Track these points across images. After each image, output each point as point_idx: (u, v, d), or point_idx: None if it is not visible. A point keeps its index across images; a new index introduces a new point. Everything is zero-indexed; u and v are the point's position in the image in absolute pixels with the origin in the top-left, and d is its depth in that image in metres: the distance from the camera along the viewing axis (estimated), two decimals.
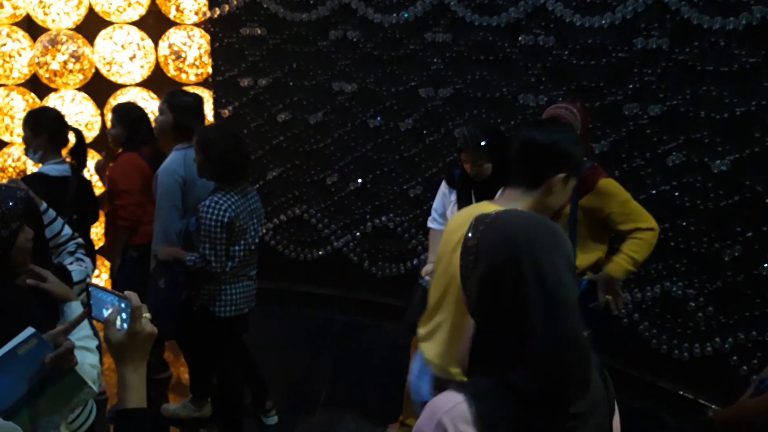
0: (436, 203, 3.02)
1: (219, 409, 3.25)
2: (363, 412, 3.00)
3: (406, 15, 3.88)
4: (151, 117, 3.50)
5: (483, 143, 2.57)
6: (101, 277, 4.36)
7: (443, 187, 2.98)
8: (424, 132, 4.03)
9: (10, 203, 1.53)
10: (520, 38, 3.62)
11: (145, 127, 3.39)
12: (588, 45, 3.39)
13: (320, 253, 4.47)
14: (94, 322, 1.58)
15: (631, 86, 3.28)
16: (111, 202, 3.34)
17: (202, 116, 3.23)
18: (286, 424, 3.37)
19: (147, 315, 1.19)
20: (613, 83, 3.35)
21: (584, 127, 2.62)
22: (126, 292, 1.20)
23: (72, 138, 3.28)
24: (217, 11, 4.23)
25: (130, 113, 3.40)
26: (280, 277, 4.42)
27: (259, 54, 4.26)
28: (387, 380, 3.71)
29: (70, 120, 3.91)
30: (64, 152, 3.26)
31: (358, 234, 4.36)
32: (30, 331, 1.29)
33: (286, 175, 4.42)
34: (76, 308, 1.70)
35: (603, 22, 3.26)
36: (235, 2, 4.19)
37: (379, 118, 4.13)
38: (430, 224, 3.06)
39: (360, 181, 4.26)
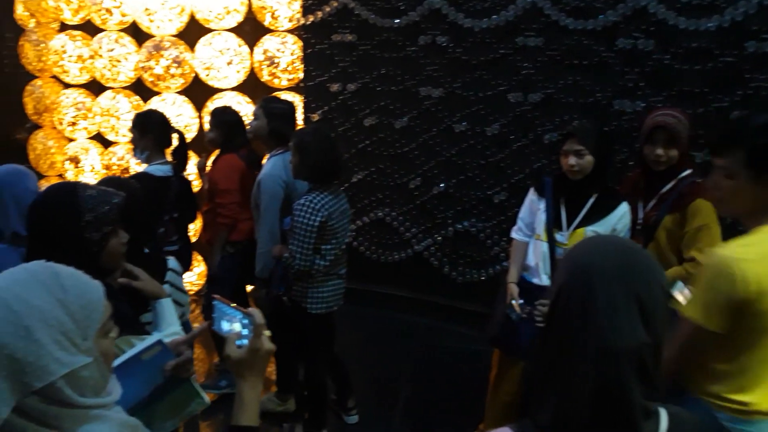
0: (523, 212, 2.82)
1: (303, 404, 3.33)
2: (441, 417, 3.04)
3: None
4: (246, 121, 3.65)
5: (593, 133, 2.49)
6: (193, 271, 4.56)
7: (531, 194, 2.80)
8: (511, 137, 3.98)
9: (106, 208, 1.56)
10: (617, 42, 3.52)
11: (241, 131, 3.53)
12: (692, 49, 3.25)
13: (401, 256, 4.50)
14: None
15: (740, 92, 3.11)
16: (211, 201, 3.50)
17: (295, 122, 3.33)
18: (366, 424, 3.41)
19: (267, 332, 1.21)
20: (720, 89, 3.19)
21: (689, 136, 2.52)
22: (249, 309, 1.22)
23: (175, 139, 3.47)
24: (311, 18, 4.35)
25: (227, 117, 3.56)
26: (362, 278, 4.47)
27: (348, 60, 4.34)
28: (465, 385, 3.69)
29: (171, 122, 4.12)
30: (167, 153, 3.46)
31: (439, 238, 4.36)
32: (155, 337, 1.36)
33: (370, 179, 4.48)
34: (166, 305, 1.77)
35: (710, 24, 3.12)
36: (327, 9, 4.30)
37: (464, 124, 4.12)
38: (514, 234, 2.84)
39: (443, 185, 4.26)
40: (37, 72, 5.09)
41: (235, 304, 1.28)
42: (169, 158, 3.43)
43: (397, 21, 4.15)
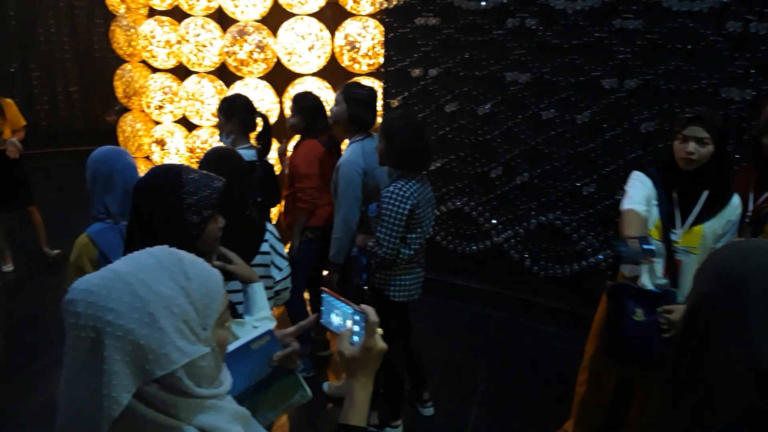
0: (635, 191, 2.39)
1: (380, 392, 3.30)
2: (521, 414, 2.89)
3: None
4: (327, 106, 3.62)
5: (719, 121, 2.27)
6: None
7: (641, 176, 2.44)
8: (604, 126, 3.77)
9: (207, 192, 1.55)
10: (726, 25, 3.24)
11: (322, 116, 3.52)
12: None
13: (479, 247, 4.38)
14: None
15: None
16: (292, 186, 3.52)
17: (375, 109, 3.27)
18: (441, 417, 3.34)
19: (380, 331, 1.17)
20: None
21: None
22: (362, 306, 1.18)
23: (259, 124, 3.49)
24: (393, 2, 4.26)
25: (308, 103, 3.54)
26: (437, 268, 4.38)
27: (431, 44, 4.23)
28: (545, 383, 3.56)
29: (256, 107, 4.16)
30: (252, 137, 3.48)
31: (520, 230, 4.20)
32: (266, 328, 1.34)
33: (449, 167, 4.37)
34: (258, 289, 1.76)
35: None
36: None
37: (552, 111, 3.94)
38: (631, 205, 2.34)
39: (527, 175, 4.09)
40: (126, 57, 5.26)
41: (345, 299, 1.23)
42: (253, 143, 3.46)
43: (484, 3, 3.99)
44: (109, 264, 0.96)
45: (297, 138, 3.66)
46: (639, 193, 2.38)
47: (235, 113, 3.39)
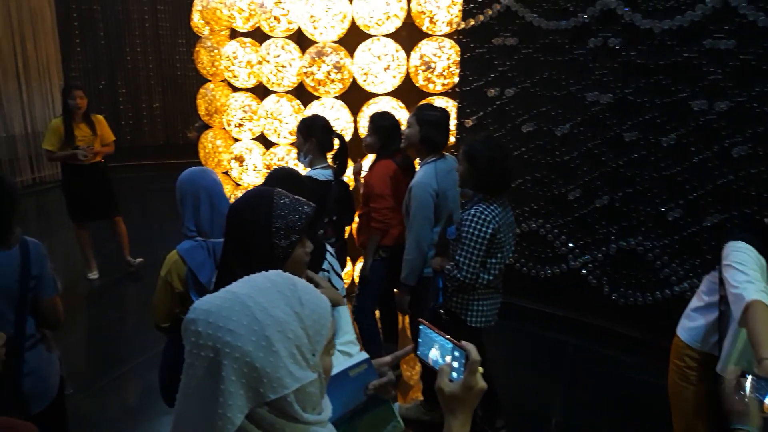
0: (753, 271, 1.99)
1: None
2: None
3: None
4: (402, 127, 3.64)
5: None
6: (343, 271, 4.64)
7: (749, 249, 2.06)
8: (692, 149, 3.61)
9: (296, 216, 1.57)
10: None
11: (398, 136, 3.54)
12: None
13: (555, 271, 4.27)
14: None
15: None
16: (366, 205, 3.55)
17: (448, 130, 3.26)
18: None
19: (481, 369, 1.14)
20: None
21: None
22: (463, 343, 1.15)
23: (336, 143, 3.54)
24: (471, 22, 4.26)
25: (385, 123, 3.57)
26: (509, 290, 4.26)
27: (508, 64, 4.20)
28: (621, 416, 3.40)
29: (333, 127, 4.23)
30: (329, 157, 3.54)
31: (599, 255, 4.07)
32: (364, 356, 1.35)
33: (524, 187, 4.29)
34: (343, 313, 1.76)
35: None
36: (489, 12, 4.18)
37: (635, 133, 3.81)
38: (755, 295, 1.89)
39: (607, 198, 3.96)
40: (209, 76, 5.48)
41: (444, 333, 1.22)
42: (330, 162, 3.51)
43: (565, 22, 3.92)
44: (197, 280, 0.98)
45: (372, 157, 3.70)
46: (757, 272, 1.97)
47: (313, 134, 3.45)
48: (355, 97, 4.80)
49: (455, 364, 1.16)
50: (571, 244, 4.17)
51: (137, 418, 3.41)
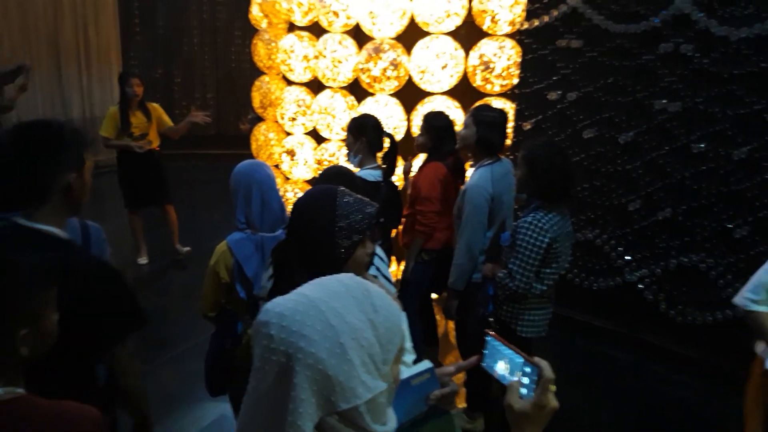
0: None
1: (492, 425, 3.17)
2: None
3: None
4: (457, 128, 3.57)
5: None
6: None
7: None
8: (764, 164, 3.42)
9: (359, 216, 1.53)
10: None
11: (451, 137, 3.46)
12: None
13: (608, 284, 4.12)
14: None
15: None
16: (412, 206, 3.48)
17: (505, 132, 3.16)
18: None
19: (553, 387, 1.08)
20: None
21: None
22: (536, 359, 1.09)
23: (386, 143, 3.49)
24: (535, 22, 4.14)
25: (439, 123, 3.50)
26: (559, 301, 4.17)
27: (572, 67, 4.06)
28: None
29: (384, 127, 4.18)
30: (379, 157, 3.49)
31: (657, 270, 3.90)
32: (427, 365, 1.30)
33: (581, 196, 4.15)
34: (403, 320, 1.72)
35: None
36: (555, 13, 4.05)
37: (703, 145, 3.63)
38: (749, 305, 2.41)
39: (670, 211, 3.80)
40: (265, 69, 5.50)
41: (515, 347, 1.15)
42: (379, 162, 3.46)
43: (635, 26, 3.77)
44: (242, 272, 0.93)
45: (422, 157, 3.63)
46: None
47: (364, 133, 3.40)
48: (409, 95, 4.74)
49: (525, 381, 1.10)
50: (628, 257, 4.01)
51: (176, 404, 3.44)
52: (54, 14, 8.50)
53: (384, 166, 3.44)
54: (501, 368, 1.16)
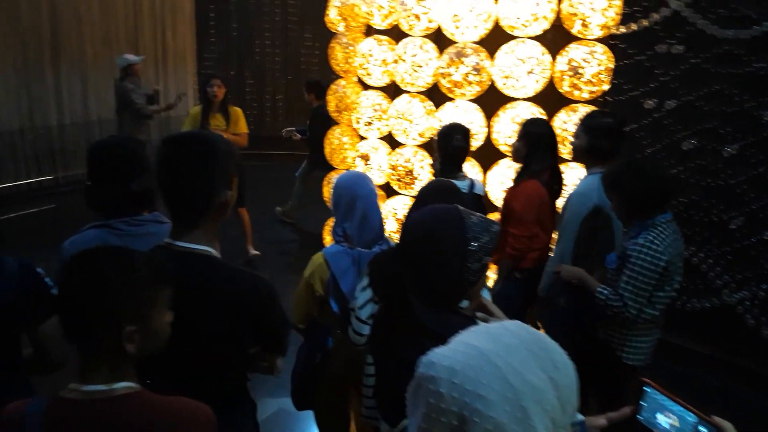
0: None
1: None
2: None
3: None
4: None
5: None
6: None
7: None
8: None
9: (487, 237, 1.44)
10: None
11: (546, 147, 3.30)
12: None
13: (704, 305, 3.85)
14: None
15: None
16: (504, 224, 3.33)
17: (620, 139, 2.97)
18: None
19: None
20: None
21: None
22: (715, 419, 0.98)
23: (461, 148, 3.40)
24: (633, 26, 3.92)
25: (536, 129, 3.35)
26: None
27: (671, 74, 3.83)
28: None
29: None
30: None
31: (761, 293, 3.62)
32: (579, 417, 1.19)
33: (676, 210, 3.90)
34: None
35: None
36: (655, 17, 3.82)
37: None
38: None
39: None
40: (342, 73, 5.46)
41: (680, 400, 1.02)
42: (465, 173, 3.36)
43: (745, 31, 3.50)
44: (338, 287, 0.84)
45: (506, 166, 3.49)
46: None
47: (449, 142, 3.32)
48: (490, 100, 4.59)
49: None
50: (727, 277, 3.74)
51: None
52: (134, 19, 8.79)
53: (467, 177, 3.35)
54: (664, 423, 1.03)
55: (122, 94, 6.44)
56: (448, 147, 3.34)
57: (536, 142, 3.30)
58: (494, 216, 3.53)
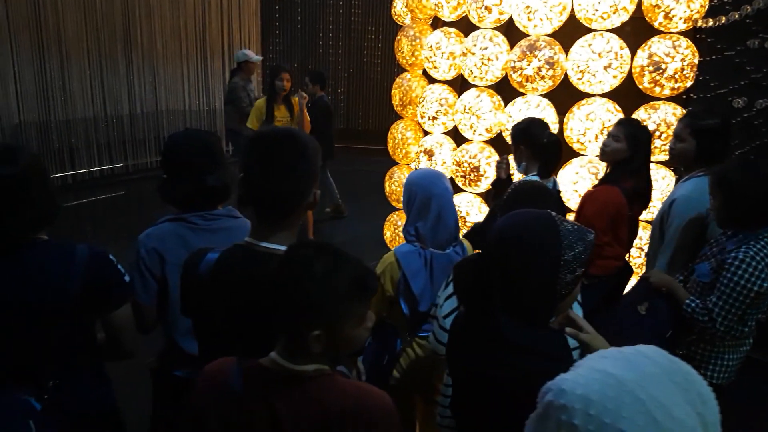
0: None
1: None
2: None
3: None
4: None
5: None
6: None
7: None
8: None
9: (581, 247, 1.35)
10: None
11: (642, 152, 3.12)
12: None
13: None
14: None
15: None
16: None
17: (728, 139, 2.76)
18: None
19: None
20: None
21: None
22: None
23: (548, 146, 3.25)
24: (722, 19, 3.67)
25: (635, 131, 3.18)
26: None
27: (765, 70, 3.56)
28: None
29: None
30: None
31: None
32: None
33: None
34: None
35: None
36: (747, 9, 3.56)
37: None
38: None
39: None
40: (407, 66, 5.39)
41: None
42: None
43: None
44: (408, 288, 0.77)
45: (588, 166, 3.32)
46: None
47: (529, 138, 3.20)
48: (562, 95, 4.41)
49: None
50: None
51: None
52: (202, 13, 8.98)
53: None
54: None
55: (231, 89, 6.71)
56: (541, 144, 3.19)
57: (641, 144, 3.13)
58: (569, 217, 3.38)
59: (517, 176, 3.67)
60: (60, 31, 7.83)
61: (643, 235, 3.90)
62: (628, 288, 3.25)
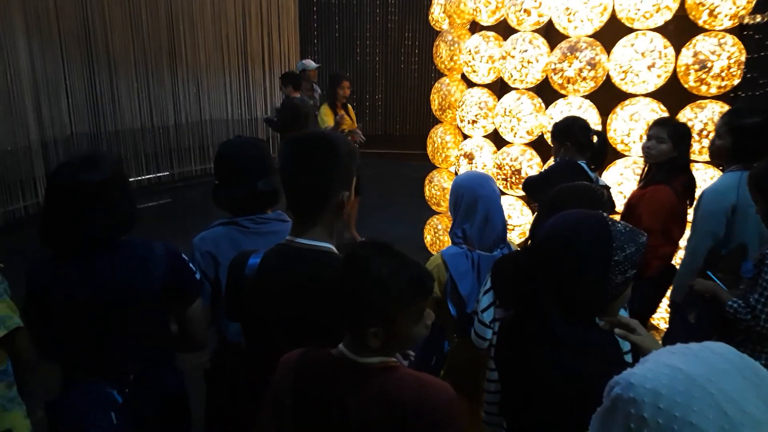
0: None
1: None
2: None
3: None
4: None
5: None
6: None
7: None
8: None
9: (633, 248, 1.34)
10: None
11: (689, 147, 3.09)
12: None
13: None
14: None
15: None
16: None
17: (767, 139, 2.72)
18: None
19: None
20: None
21: None
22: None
23: (595, 140, 3.25)
24: None
25: (682, 131, 3.15)
26: None
27: None
28: None
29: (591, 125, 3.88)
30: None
31: None
32: None
33: None
34: None
35: None
36: None
37: None
38: None
39: None
40: (446, 71, 5.42)
41: None
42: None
43: None
44: (456, 290, 0.76)
45: (632, 167, 3.30)
46: None
47: (570, 137, 3.19)
48: (604, 96, 4.37)
49: None
50: None
51: None
52: (243, 25, 9.21)
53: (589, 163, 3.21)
54: None
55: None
56: (588, 140, 3.19)
57: (680, 144, 3.10)
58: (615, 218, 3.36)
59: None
60: (108, 45, 8.15)
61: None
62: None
